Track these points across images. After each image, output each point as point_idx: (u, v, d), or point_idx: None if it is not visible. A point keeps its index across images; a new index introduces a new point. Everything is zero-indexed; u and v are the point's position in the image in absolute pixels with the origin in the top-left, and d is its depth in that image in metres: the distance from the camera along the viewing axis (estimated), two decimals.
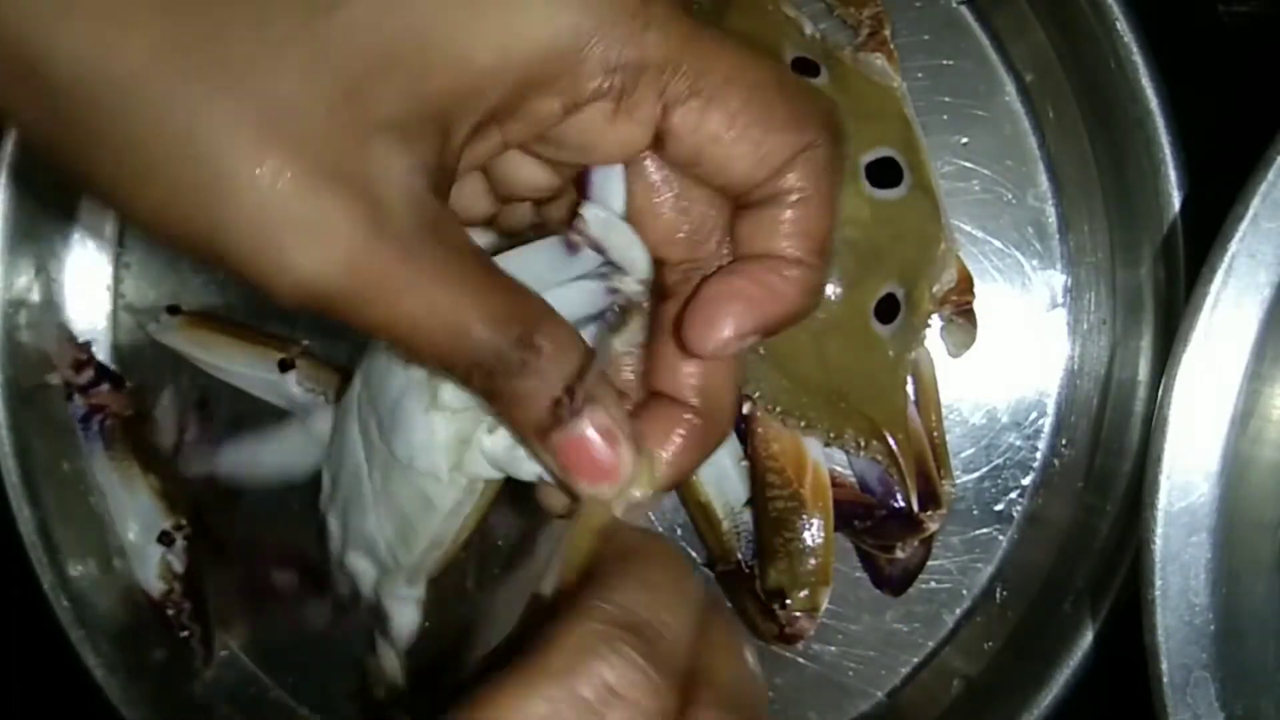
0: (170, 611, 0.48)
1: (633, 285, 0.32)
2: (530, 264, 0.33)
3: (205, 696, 0.49)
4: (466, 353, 0.28)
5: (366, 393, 0.39)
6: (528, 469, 0.33)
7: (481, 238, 0.35)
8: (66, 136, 0.25)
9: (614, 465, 0.30)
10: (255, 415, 0.48)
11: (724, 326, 0.30)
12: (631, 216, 0.31)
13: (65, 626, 0.46)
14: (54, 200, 0.48)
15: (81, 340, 0.49)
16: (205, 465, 0.47)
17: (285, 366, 0.46)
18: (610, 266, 0.32)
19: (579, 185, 0.32)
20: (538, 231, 0.35)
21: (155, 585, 0.48)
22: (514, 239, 0.34)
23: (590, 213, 0.31)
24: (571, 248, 0.31)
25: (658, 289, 0.32)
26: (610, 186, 0.31)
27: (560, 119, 0.29)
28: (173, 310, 0.48)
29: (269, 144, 0.25)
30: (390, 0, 0.25)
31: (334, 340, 0.47)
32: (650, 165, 0.31)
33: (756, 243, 0.31)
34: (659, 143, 0.29)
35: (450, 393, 0.33)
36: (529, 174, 0.32)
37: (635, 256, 0.31)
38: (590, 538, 0.29)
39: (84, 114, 0.25)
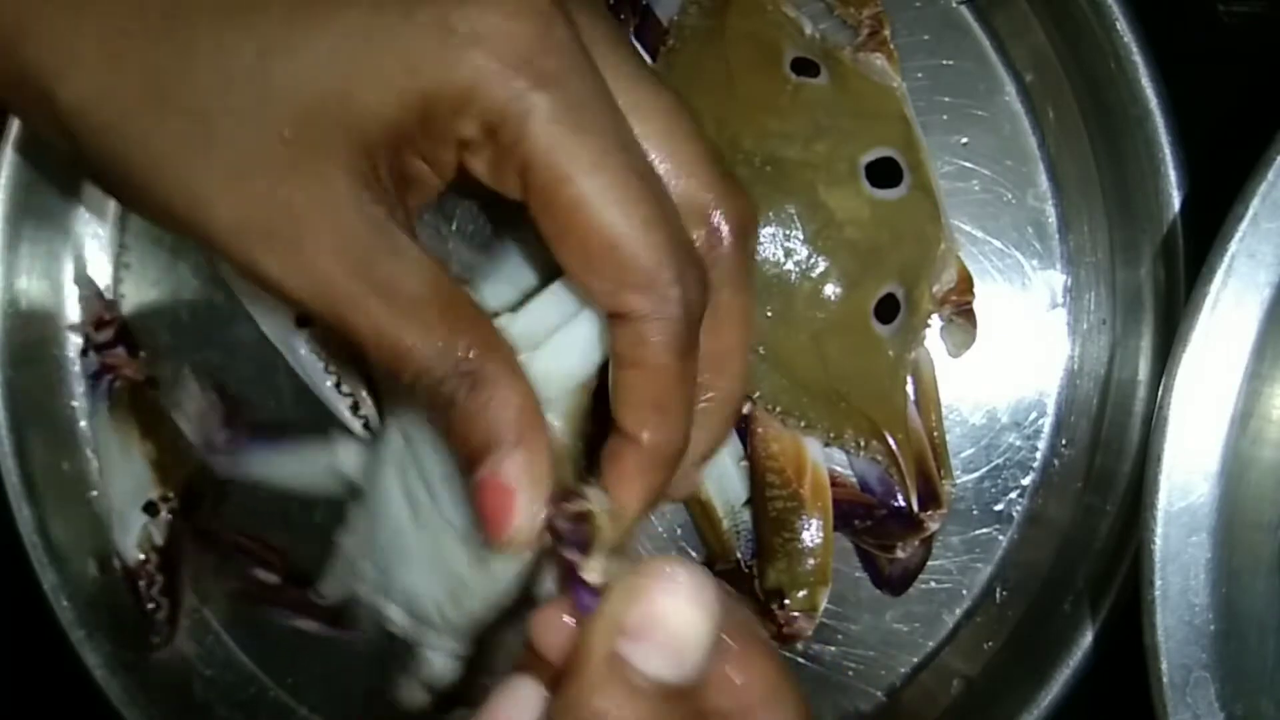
0: (142, 582, 0.47)
1: None
2: (542, 315, 0.35)
3: (205, 696, 0.49)
4: (410, 370, 0.30)
5: (411, 453, 0.39)
6: None
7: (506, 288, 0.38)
8: (75, 148, 0.31)
9: (506, 519, 0.30)
10: (277, 413, 0.48)
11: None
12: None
13: (65, 627, 0.46)
14: (54, 201, 0.48)
15: (108, 299, 0.48)
16: (232, 469, 0.47)
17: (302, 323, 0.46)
18: None
19: None
20: None
21: (132, 553, 0.47)
22: None
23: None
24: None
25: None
26: None
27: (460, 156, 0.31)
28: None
29: (236, 177, 0.29)
30: (314, 63, 0.29)
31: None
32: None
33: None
34: None
35: None
36: None
37: None
38: None
39: (87, 137, 0.30)
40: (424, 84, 0.29)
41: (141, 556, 0.47)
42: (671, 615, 0.27)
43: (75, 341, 0.49)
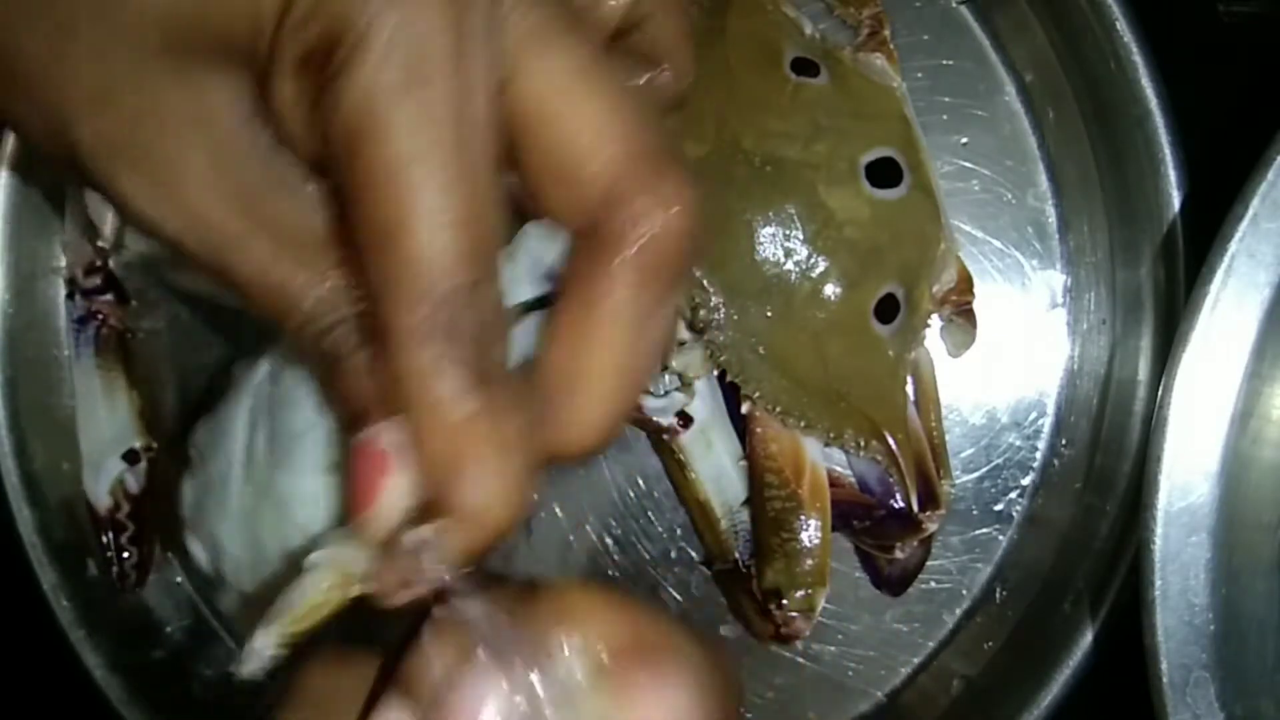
0: (110, 532, 0.47)
1: None
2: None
3: (205, 696, 0.49)
4: (296, 318, 0.26)
5: (270, 394, 0.34)
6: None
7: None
8: None
9: (373, 491, 0.25)
10: None
11: None
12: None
13: (65, 627, 0.46)
14: (54, 198, 0.48)
15: (101, 245, 0.48)
16: None
17: None
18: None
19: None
20: None
21: (103, 499, 0.47)
22: None
23: (530, 231, 0.30)
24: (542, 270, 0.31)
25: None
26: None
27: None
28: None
29: (104, 92, 0.26)
30: None
31: None
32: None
33: None
34: None
35: None
36: None
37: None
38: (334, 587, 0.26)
39: None
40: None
41: (112, 503, 0.47)
42: None
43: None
